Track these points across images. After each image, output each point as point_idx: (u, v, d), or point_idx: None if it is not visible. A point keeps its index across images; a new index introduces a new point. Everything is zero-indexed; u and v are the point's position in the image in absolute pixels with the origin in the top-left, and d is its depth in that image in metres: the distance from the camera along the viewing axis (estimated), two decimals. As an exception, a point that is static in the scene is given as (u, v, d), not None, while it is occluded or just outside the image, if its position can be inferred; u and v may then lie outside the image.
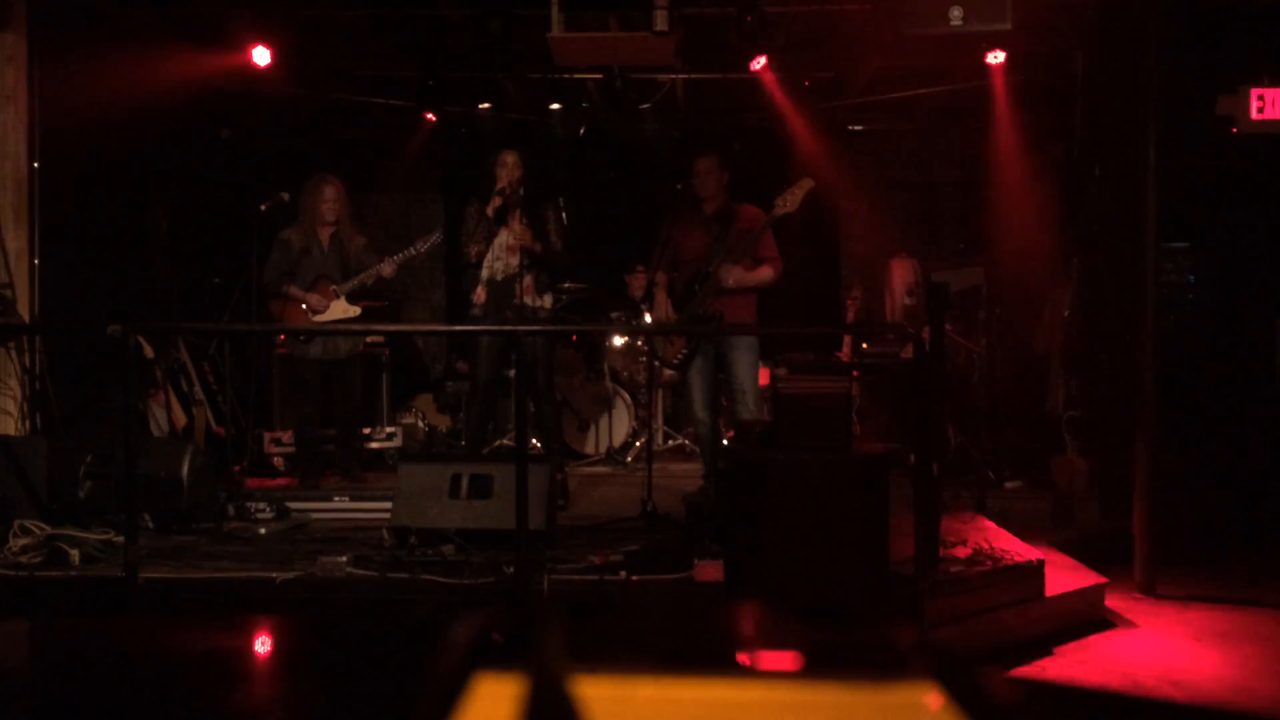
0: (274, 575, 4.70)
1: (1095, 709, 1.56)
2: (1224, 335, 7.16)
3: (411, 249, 6.83)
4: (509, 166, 6.36)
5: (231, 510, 5.83)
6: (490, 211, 6.31)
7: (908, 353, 8.22)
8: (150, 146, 8.03)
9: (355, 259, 6.86)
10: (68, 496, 5.51)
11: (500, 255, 6.36)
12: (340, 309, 6.80)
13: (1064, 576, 5.56)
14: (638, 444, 8.46)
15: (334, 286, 6.75)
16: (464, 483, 5.19)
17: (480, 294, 6.38)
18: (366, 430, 7.87)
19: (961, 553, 5.15)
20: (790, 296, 7.74)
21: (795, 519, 4.60)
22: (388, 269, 6.79)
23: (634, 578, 4.69)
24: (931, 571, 4.67)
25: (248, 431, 7.61)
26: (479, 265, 6.39)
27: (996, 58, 7.52)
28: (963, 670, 1.31)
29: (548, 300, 6.48)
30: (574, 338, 8.89)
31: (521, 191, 6.35)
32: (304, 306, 6.74)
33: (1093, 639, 5.24)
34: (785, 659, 1.35)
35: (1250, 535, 6.92)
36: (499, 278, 6.36)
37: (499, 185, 6.30)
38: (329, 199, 6.77)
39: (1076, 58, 7.32)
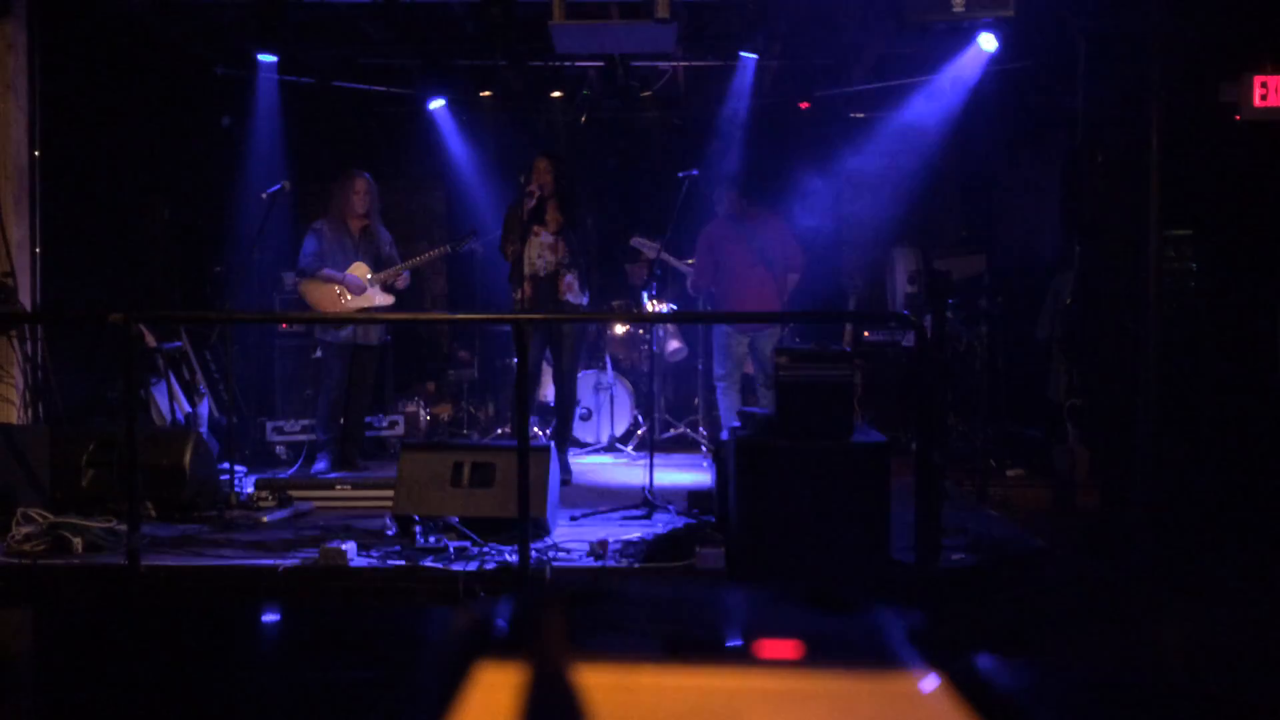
0: (276, 563, 4.71)
1: (1096, 698, 1.56)
2: (1226, 323, 7.14)
3: (448, 247, 7.30)
4: (540, 170, 6.77)
5: (234, 498, 5.84)
6: (524, 214, 6.70)
7: (909, 341, 8.22)
8: (151, 134, 8.01)
9: (384, 253, 7.07)
10: (70, 485, 5.53)
11: (541, 253, 6.78)
12: (374, 296, 7.03)
13: (1064, 565, 5.56)
14: (639, 432, 8.46)
15: (369, 274, 6.92)
16: (465, 471, 5.21)
17: (527, 289, 6.75)
18: (369, 419, 7.90)
19: (962, 540, 5.15)
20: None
21: (796, 507, 4.61)
22: (420, 262, 7.21)
23: (635, 566, 4.70)
24: (933, 560, 4.67)
25: (250, 420, 7.62)
26: (519, 263, 6.75)
27: (990, 44, 7.51)
28: (963, 658, 1.31)
29: (586, 299, 6.95)
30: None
31: (555, 193, 6.77)
32: (336, 290, 6.91)
33: (1093, 627, 5.24)
34: (786, 647, 1.35)
35: (1252, 524, 6.92)
36: (541, 274, 6.77)
37: (530, 188, 6.68)
38: (359, 190, 7.04)
39: (1079, 43, 7.29)
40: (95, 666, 1.56)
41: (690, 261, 8.03)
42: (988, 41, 7.51)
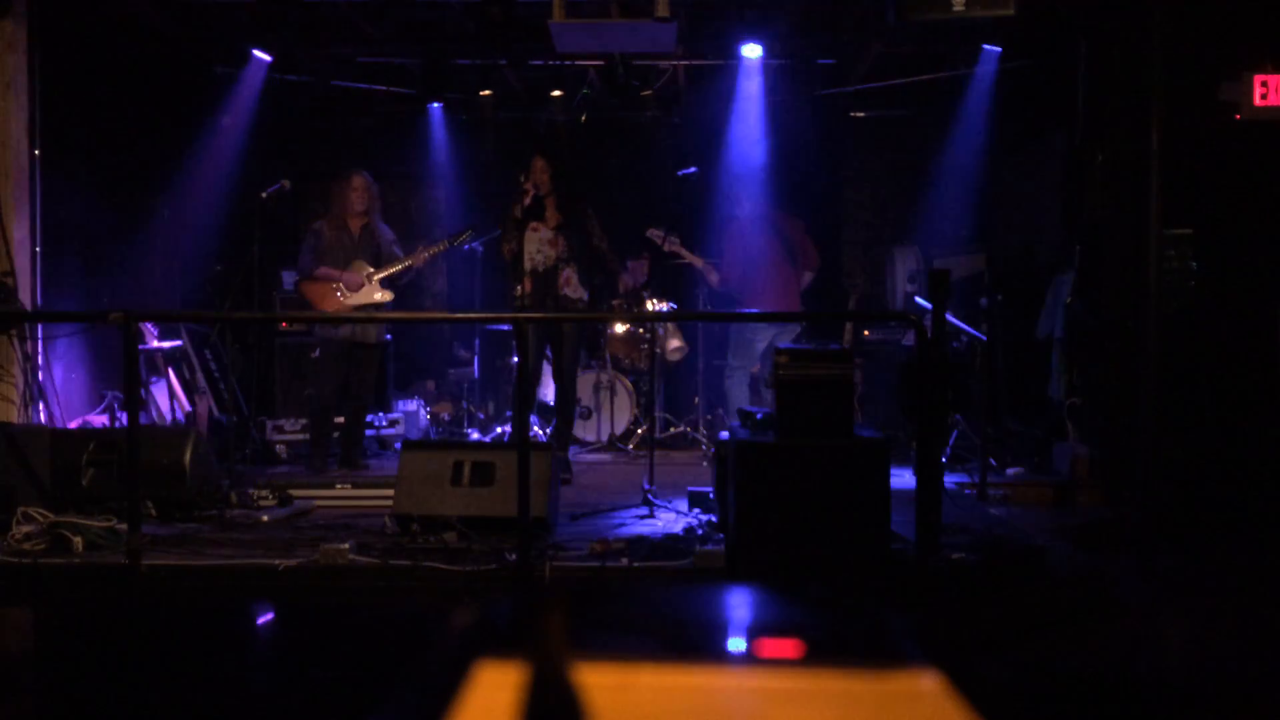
0: (276, 563, 4.71)
1: (1093, 695, 1.56)
2: (1227, 322, 7.14)
3: (445, 243, 7.28)
4: (536, 170, 6.86)
5: (234, 497, 5.83)
6: (518, 212, 6.74)
7: (909, 340, 8.22)
8: (151, 134, 8.02)
9: (385, 250, 7.06)
10: (70, 484, 5.52)
11: (541, 248, 6.87)
12: (372, 292, 7.04)
13: (1065, 563, 5.56)
14: (639, 431, 8.47)
15: (369, 270, 6.93)
16: (466, 470, 5.20)
17: (526, 284, 6.79)
18: (369, 418, 7.90)
19: (962, 539, 5.15)
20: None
21: (796, 505, 4.61)
22: (419, 259, 7.12)
23: (635, 565, 4.70)
24: (933, 558, 4.67)
25: (250, 419, 7.62)
26: (518, 261, 6.77)
27: (998, 47, 7.54)
28: (963, 656, 1.31)
29: (587, 294, 7.01)
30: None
31: (553, 190, 6.85)
32: (334, 287, 6.91)
33: (1093, 625, 5.24)
34: (786, 646, 1.35)
35: (1253, 522, 6.92)
36: (540, 269, 6.85)
37: (525, 186, 6.77)
38: (356, 188, 7.04)
39: (1079, 42, 7.29)
40: (95, 666, 1.56)
41: (705, 261, 8.06)
42: (994, 44, 7.56)
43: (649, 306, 8.10)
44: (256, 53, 8.14)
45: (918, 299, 8.17)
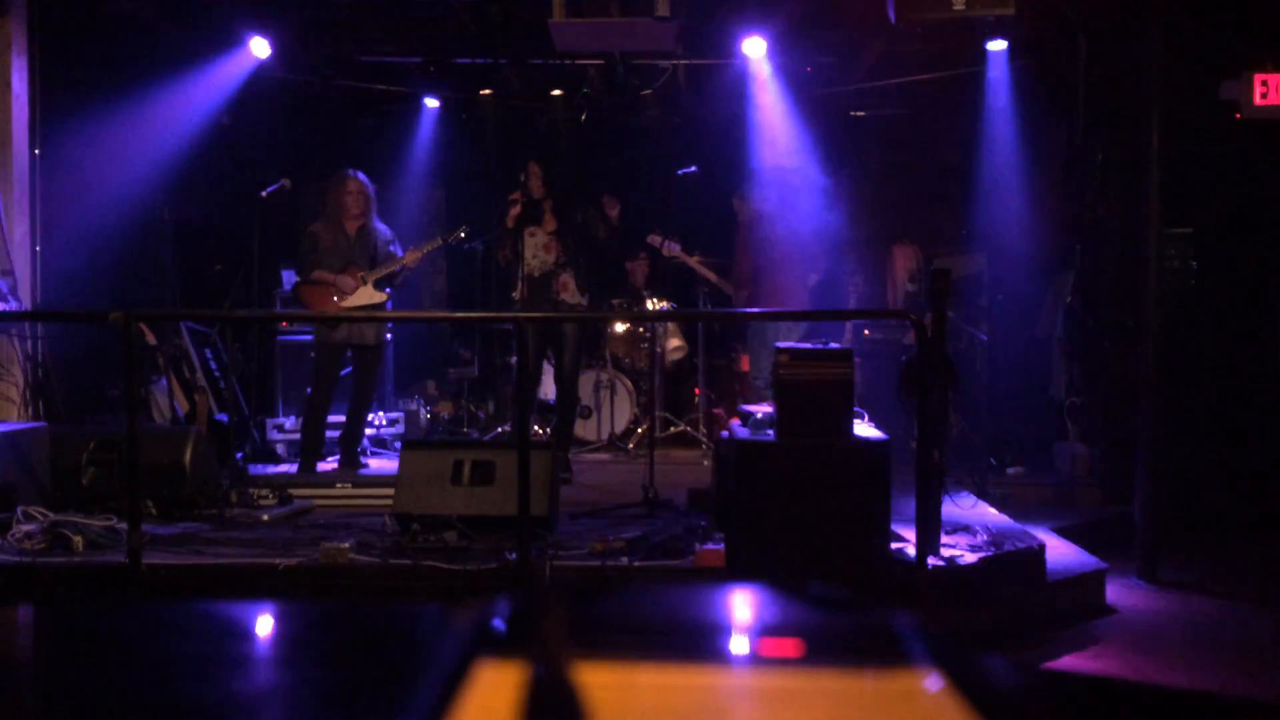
0: (276, 562, 4.71)
1: (1094, 695, 1.56)
2: (1227, 321, 7.14)
3: (439, 240, 7.27)
4: (531, 176, 6.90)
5: (234, 497, 5.83)
6: (510, 222, 6.79)
7: (910, 338, 8.22)
8: (151, 133, 8.01)
9: (381, 251, 7.04)
10: (70, 483, 5.52)
11: (537, 254, 6.88)
12: (367, 294, 6.99)
13: (1065, 562, 5.57)
14: (639, 430, 8.47)
15: (362, 273, 6.92)
16: (466, 469, 5.20)
17: (523, 289, 6.84)
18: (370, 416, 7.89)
19: (963, 538, 5.16)
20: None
21: (796, 505, 4.61)
22: (411, 259, 7.08)
23: (636, 564, 4.70)
24: (933, 557, 4.68)
25: (250, 418, 7.62)
26: (515, 266, 6.84)
27: (998, 46, 7.54)
28: (964, 656, 1.31)
29: (586, 299, 6.98)
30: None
31: (548, 195, 6.86)
32: (330, 290, 6.90)
33: (1093, 625, 5.25)
34: (787, 645, 1.35)
35: (1252, 522, 6.92)
36: (536, 274, 6.86)
37: (514, 196, 6.81)
38: (351, 191, 7.01)
39: (1079, 42, 7.29)
40: (95, 665, 1.56)
41: (717, 274, 8.05)
42: (995, 44, 7.55)
43: (649, 306, 8.10)
44: (254, 47, 8.10)
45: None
